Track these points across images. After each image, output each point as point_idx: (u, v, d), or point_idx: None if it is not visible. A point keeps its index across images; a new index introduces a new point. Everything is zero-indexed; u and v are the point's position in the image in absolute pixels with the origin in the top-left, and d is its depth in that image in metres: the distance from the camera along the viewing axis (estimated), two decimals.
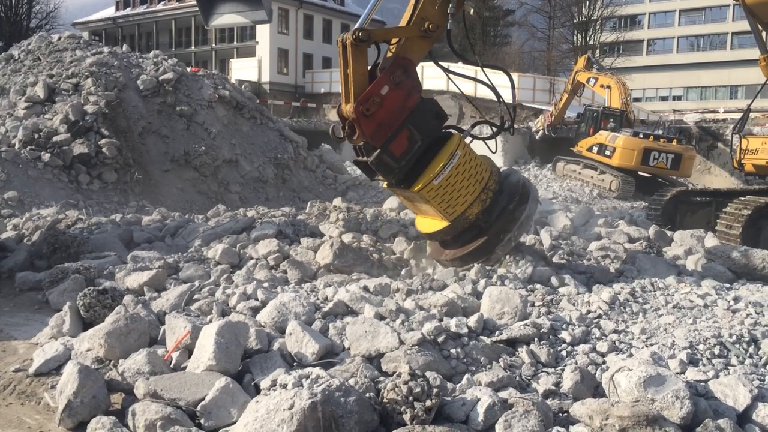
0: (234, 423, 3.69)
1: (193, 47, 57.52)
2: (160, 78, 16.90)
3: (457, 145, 6.38)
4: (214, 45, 56.64)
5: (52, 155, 13.87)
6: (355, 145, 6.47)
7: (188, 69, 19.22)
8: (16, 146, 13.91)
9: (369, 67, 6.34)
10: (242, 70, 49.63)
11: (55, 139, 14.21)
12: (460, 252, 6.66)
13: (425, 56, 6.64)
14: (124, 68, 17.10)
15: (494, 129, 7.08)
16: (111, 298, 5.51)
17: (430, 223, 6.74)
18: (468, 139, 6.65)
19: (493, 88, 6.93)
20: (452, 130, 6.65)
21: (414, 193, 6.38)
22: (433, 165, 6.29)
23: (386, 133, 6.21)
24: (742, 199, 11.34)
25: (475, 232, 6.59)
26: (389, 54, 6.41)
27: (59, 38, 19.44)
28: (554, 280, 6.24)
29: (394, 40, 6.41)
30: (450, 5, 6.42)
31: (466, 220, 6.45)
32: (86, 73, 16.23)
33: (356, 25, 6.18)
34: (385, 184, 6.80)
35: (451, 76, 7.16)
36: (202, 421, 3.76)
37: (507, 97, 7.34)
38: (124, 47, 19.92)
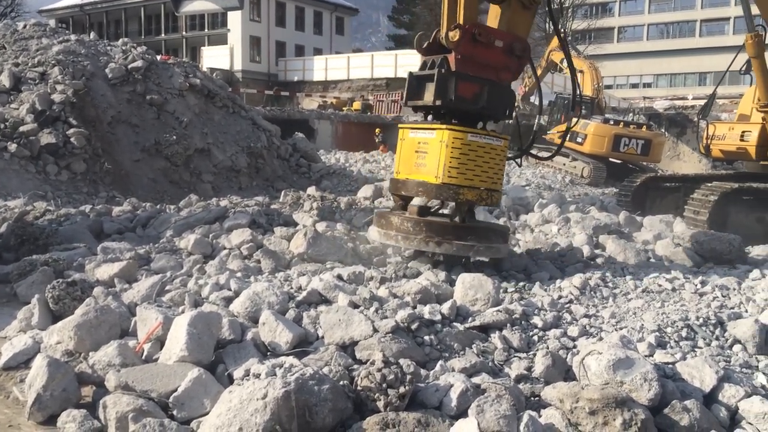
0: (207, 414, 3.67)
1: (163, 35, 56.69)
2: (129, 66, 16.59)
3: (504, 140, 6.27)
4: (184, 32, 55.86)
5: (19, 145, 13.55)
6: (428, 61, 6.22)
7: (158, 57, 18.86)
8: None
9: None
10: (214, 58, 49.04)
11: (21, 129, 13.88)
12: (419, 218, 6.22)
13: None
14: (92, 56, 16.75)
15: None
16: (81, 290, 5.43)
17: (416, 173, 6.29)
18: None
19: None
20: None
21: (440, 132, 5.99)
22: (479, 128, 6.22)
23: (469, 69, 6.02)
24: (709, 185, 11.53)
25: (444, 217, 6.47)
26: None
27: (25, 26, 18.94)
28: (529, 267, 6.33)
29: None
30: None
31: (452, 196, 6.07)
32: (53, 62, 15.86)
33: None
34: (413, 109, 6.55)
35: None
36: (174, 412, 3.74)
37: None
38: (92, 35, 19.45)
